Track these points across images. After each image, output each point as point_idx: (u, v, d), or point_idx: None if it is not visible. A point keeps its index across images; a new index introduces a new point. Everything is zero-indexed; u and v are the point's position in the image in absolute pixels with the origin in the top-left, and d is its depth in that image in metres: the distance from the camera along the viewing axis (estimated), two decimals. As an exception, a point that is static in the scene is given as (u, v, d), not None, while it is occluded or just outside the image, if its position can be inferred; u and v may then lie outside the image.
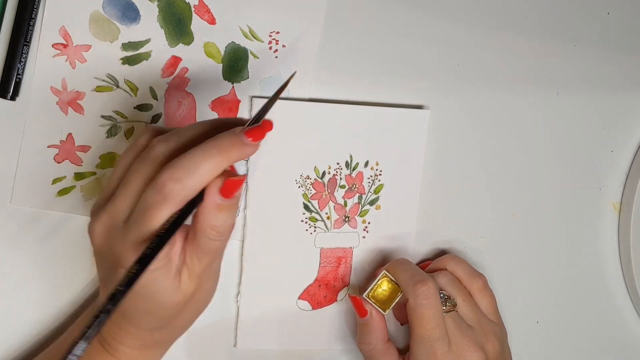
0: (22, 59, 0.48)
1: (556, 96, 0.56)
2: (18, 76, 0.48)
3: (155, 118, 0.50)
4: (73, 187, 0.49)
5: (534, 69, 0.55)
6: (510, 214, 0.56)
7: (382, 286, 0.49)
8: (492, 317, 0.51)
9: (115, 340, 0.42)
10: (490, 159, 0.55)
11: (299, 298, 0.53)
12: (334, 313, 0.53)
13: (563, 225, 0.57)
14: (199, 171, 0.37)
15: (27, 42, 0.48)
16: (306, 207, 0.52)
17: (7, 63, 0.48)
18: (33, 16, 0.48)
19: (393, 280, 0.49)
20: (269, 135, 0.48)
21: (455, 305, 0.49)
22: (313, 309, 0.53)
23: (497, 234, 0.56)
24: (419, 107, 0.54)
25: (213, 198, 0.39)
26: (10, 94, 0.48)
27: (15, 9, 0.48)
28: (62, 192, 0.49)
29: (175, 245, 0.39)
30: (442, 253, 0.55)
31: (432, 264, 0.53)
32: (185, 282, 0.40)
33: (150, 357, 0.44)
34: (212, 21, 0.50)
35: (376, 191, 0.53)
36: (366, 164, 0.53)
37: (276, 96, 0.43)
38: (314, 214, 0.52)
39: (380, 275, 0.49)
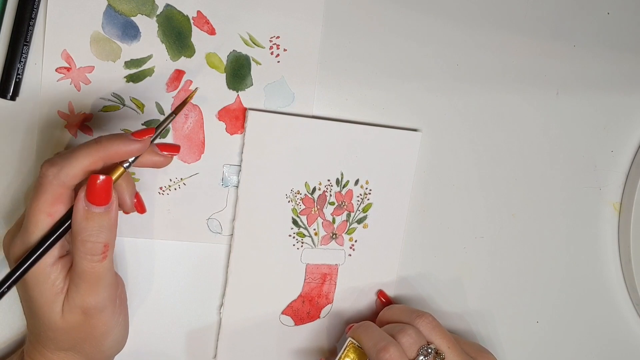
0: (22, 59, 0.48)
1: (556, 96, 0.55)
2: (18, 76, 0.48)
3: (164, 133, 0.50)
4: (87, 207, 0.50)
5: (534, 69, 0.55)
6: (510, 214, 0.56)
7: (349, 355, 0.49)
8: (467, 346, 0.50)
9: None
10: (490, 159, 0.55)
11: (282, 313, 0.53)
12: (316, 330, 0.54)
13: (563, 225, 0.57)
14: (75, 156, 0.39)
15: (27, 42, 0.48)
16: (295, 222, 0.52)
17: (7, 63, 0.48)
18: (33, 16, 0.48)
19: (360, 347, 0.48)
20: (261, 148, 0.50)
21: (443, 357, 0.47)
22: (295, 324, 0.54)
23: (497, 234, 0.56)
24: (414, 129, 0.54)
25: (80, 203, 0.40)
26: (10, 94, 0.48)
27: (15, 9, 0.48)
28: (78, 213, 0.50)
29: (55, 267, 0.41)
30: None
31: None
32: (67, 310, 0.41)
33: None
34: (211, 32, 0.50)
35: (364, 210, 0.53)
36: (356, 182, 0.53)
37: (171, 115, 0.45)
38: (302, 229, 0.52)
39: (346, 344, 0.49)
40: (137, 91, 0.50)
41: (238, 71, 0.51)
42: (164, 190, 0.51)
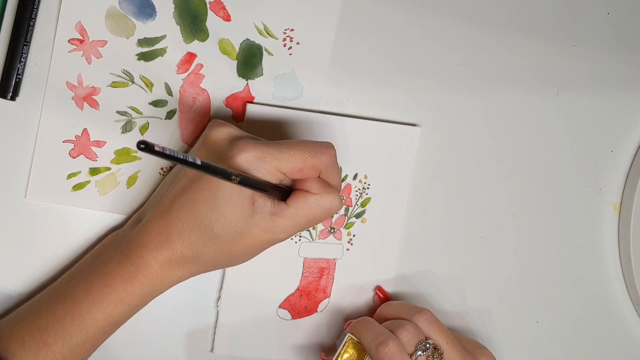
0: (22, 59, 0.48)
1: (556, 96, 0.56)
2: (18, 76, 0.48)
3: (170, 114, 0.50)
4: (88, 182, 0.49)
5: (534, 69, 0.56)
6: (510, 214, 0.56)
7: (349, 351, 0.49)
8: (468, 343, 0.50)
9: (145, 249, 0.44)
10: (490, 158, 0.56)
11: (280, 307, 0.53)
12: (314, 324, 0.53)
13: (563, 225, 0.57)
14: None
15: (27, 42, 0.48)
16: None
17: (7, 63, 0.48)
18: (33, 16, 0.48)
19: (359, 343, 0.49)
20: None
21: (442, 352, 0.48)
22: (293, 318, 0.53)
23: (497, 234, 0.56)
24: (413, 124, 0.54)
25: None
26: (10, 94, 0.48)
27: (15, 9, 0.48)
28: (77, 187, 0.49)
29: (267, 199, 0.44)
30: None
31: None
32: (253, 220, 0.44)
33: (167, 277, 0.45)
34: (227, 18, 0.51)
35: (363, 204, 0.53)
36: (355, 177, 0.53)
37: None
38: None
39: (345, 339, 0.49)
40: (147, 70, 0.50)
41: (249, 60, 0.52)
42: (165, 172, 0.50)
